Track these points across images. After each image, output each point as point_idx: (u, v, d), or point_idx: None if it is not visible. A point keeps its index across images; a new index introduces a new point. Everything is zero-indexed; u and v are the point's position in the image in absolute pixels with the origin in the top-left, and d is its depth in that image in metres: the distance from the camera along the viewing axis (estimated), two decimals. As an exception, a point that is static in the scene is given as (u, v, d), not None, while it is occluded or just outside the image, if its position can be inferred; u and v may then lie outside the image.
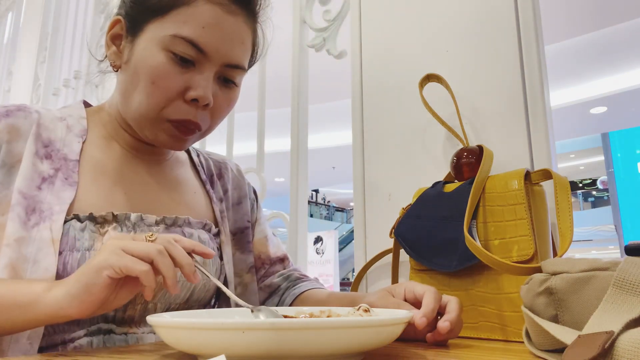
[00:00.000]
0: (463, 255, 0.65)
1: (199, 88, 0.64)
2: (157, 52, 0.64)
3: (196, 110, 0.65)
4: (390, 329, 0.42)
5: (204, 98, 0.64)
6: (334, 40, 1.19)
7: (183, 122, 0.65)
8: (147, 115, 0.65)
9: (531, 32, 0.84)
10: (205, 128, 0.69)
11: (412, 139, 0.95)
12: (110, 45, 0.70)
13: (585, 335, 0.37)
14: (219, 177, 0.81)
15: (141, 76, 0.64)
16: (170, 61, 0.63)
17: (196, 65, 0.65)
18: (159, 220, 0.68)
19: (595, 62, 4.99)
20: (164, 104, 0.64)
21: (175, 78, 0.64)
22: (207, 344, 0.39)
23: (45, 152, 0.64)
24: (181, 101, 0.65)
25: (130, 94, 0.66)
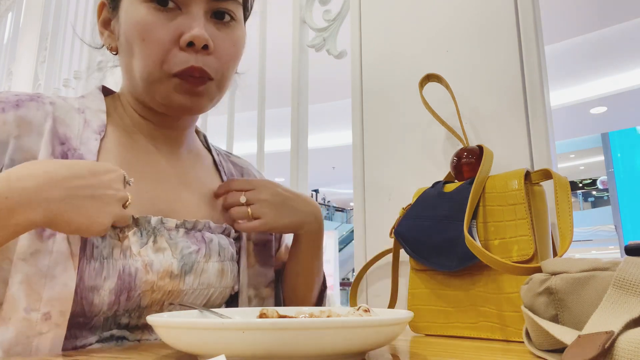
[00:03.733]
0: (463, 255, 0.65)
1: (190, 29, 0.60)
2: (137, 7, 0.61)
3: (197, 56, 0.61)
4: (390, 329, 0.42)
5: (198, 38, 0.60)
6: (334, 40, 1.19)
7: (188, 71, 0.61)
8: (151, 77, 0.61)
9: (531, 32, 0.84)
10: (217, 76, 0.64)
11: (412, 139, 0.95)
12: (103, 31, 0.68)
13: (585, 335, 0.37)
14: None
15: (132, 39, 0.61)
16: (153, 10, 0.60)
17: (182, 8, 0.61)
18: (179, 224, 0.65)
19: (595, 62, 5.00)
20: (161, 57, 0.60)
21: (163, 27, 0.60)
22: (207, 344, 0.39)
23: (62, 152, 0.59)
24: (177, 50, 0.60)
25: (130, 65, 0.63)
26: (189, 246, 0.64)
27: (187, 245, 0.64)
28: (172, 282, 0.62)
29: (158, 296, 0.62)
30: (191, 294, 0.65)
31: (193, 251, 0.64)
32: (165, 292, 0.62)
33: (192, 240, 0.65)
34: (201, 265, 0.65)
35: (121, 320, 0.61)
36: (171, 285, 0.62)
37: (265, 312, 0.51)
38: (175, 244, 0.63)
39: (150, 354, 0.50)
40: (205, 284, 0.66)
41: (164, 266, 0.61)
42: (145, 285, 0.60)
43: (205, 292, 0.66)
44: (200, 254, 0.65)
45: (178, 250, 0.63)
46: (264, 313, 0.51)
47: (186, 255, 0.63)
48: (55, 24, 2.26)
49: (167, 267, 0.61)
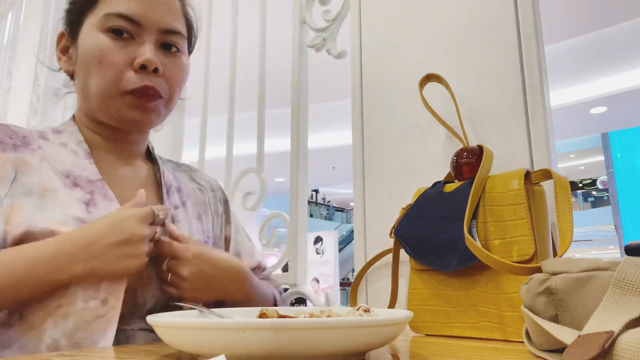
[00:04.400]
0: (463, 255, 0.65)
1: (143, 55, 0.69)
2: (95, 35, 0.69)
3: (148, 77, 0.70)
4: (390, 329, 0.42)
5: (150, 61, 0.69)
6: (334, 40, 1.19)
7: (142, 89, 0.69)
8: (106, 94, 0.70)
9: (531, 32, 0.84)
10: (166, 96, 0.73)
11: (412, 139, 0.95)
12: (61, 56, 0.76)
13: (585, 335, 0.37)
14: (177, 190, 0.81)
15: (89, 62, 0.70)
16: (110, 39, 0.69)
17: (135, 37, 0.70)
18: None
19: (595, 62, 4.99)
20: (116, 78, 0.69)
21: (119, 52, 0.69)
22: (207, 344, 0.39)
23: (71, 182, 0.68)
24: (132, 72, 0.69)
25: (87, 85, 0.71)
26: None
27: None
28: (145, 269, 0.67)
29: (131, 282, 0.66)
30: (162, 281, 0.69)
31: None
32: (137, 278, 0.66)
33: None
34: None
35: None
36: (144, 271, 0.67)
37: (265, 312, 0.51)
38: None
39: (150, 354, 0.50)
40: None
41: None
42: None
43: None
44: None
45: None
46: (264, 313, 0.51)
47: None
48: (55, 24, 2.26)
49: None
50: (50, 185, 0.65)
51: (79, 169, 0.69)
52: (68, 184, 0.67)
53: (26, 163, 0.66)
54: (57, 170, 0.68)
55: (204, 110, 1.54)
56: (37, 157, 0.68)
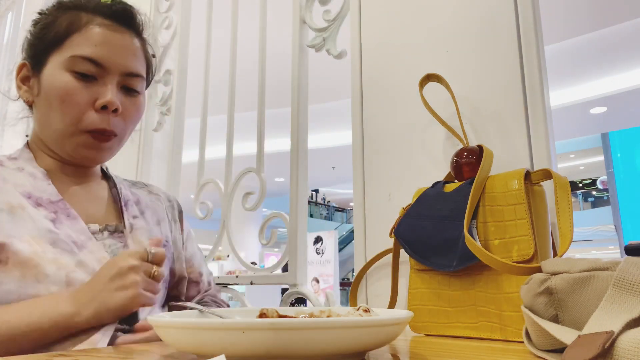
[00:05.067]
0: (463, 255, 0.65)
1: (105, 96, 0.74)
2: (61, 74, 0.73)
3: (108, 117, 0.74)
4: (390, 329, 0.42)
5: (111, 103, 0.73)
6: (334, 40, 1.19)
7: (99, 131, 0.74)
8: (66, 132, 0.74)
9: (531, 32, 0.84)
10: (121, 134, 0.78)
11: (412, 139, 0.95)
12: (21, 86, 0.79)
13: (585, 335, 0.37)
14: (135, 203, 0.85)
15: (52, 99, 0.73)
16: (74, 79, 0.73)
17: (98, 79, 0.74)
18: (101, 228, 0.76)
19: (595, 62, 4.99)
20: (77, 117, 0.73)
21: (82, 92, 0.73)
22: (207, 343, 0.39)
23: (34, 202, 0.71)
24: (92, 111, 0.73)
25: (47, 119, 0.75)
26: (115, 243, 0.76)
27: (114, 242, 0.76)
28: None
29: None
30: None
31: (120, 247, 0.76)
32: None
33: (116, 239, 0.77)
34: None
35: None
36: None
37: (265, 312, 0.51)
38: (102, 243, 0.75)
39: (150, 354, 0.50)
40: None
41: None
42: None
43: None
44: (125, 249, 0.76)
45: (107, 246, 0.75)
46: (263, 313, 0.51)
47: (114, 250, 0.75)
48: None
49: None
50: (17, 202, 0.68)
51: (38, 191, 0.72)
52: (32, 203, 0.70)
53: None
54: (18, 192, 0.70)
55: (204, 110, 1.54)
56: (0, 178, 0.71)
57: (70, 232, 0.70)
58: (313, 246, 7.45)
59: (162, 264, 0.70)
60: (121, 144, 0.81)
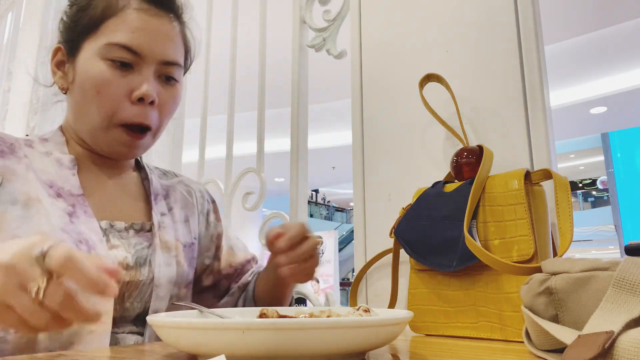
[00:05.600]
0: (463, 255, 0.65)
1: (141, 87, 0.69)
2: (96, 62, 0.69)
3: (144, 109, 0.70)
4: (390, 329, 0.42)
5: (148, 95, 0.69)
6: (334, 40, 1.19)
7: (134, 125, 0.70)
8: (100, 125, 0.70)
9: (531, 32, 0.84)
10: (155, 127, 0.74)
11: (412, 139, 0.95)
12: (56, 71, 0.76)
13: (585, 335, 0.37)
14: (164, 197, 0.82)
15: (87, 89, 0.70)
16: (110, 68, 0.69)
17: (134, 67, 0.70)
18: (127, 226, 0.73)
19: (595, 62, 4.99)
20: (113, 110, 0.69)
21: (118, 82, 0.69)
22: (207, 343, 0.39)
23: (55, 192, 0.68)
24: (128, 103, 0.70)
25: (81, 110, 0.72)
26: (141, 242, 0.72)
27: (139, 242, 0.72)
28: (128, 273, 0.68)
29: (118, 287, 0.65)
30: (148, 285, 0.69)
31: (145, 246, 0.72)
32: (123, 283, 0.67)
33: (142, 238, 0.73)
34: (153, 257, 0.71)
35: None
36: (128, 276, 0.68)
37: (265, 312, 0.51)
38: (127, 242, 0.71)
39: (150, 354, 0.50)
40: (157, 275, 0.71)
41: (119, 259, 0.68)
42: None
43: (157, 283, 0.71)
44: (151, 249, 0.72)
45: (131, 246, 0.71)
46: (263, 313, 0.51)
47: (139, 250, 0.71)
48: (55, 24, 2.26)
49: (122, 260, 0.68)
50: (35, 194, 0.66)
51: (62, 180, 0.70)
52: (52, 193, 0.67)
53: (12, 171, 0.66)
54: (42, 180, 0.68)
55: (204, 110, 1.54)
56: (22, 166, 0.68)
57: (83, 229, 0.66)
58: (313, 246, 7.43)
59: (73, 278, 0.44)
60: (156, 138, 0.77)
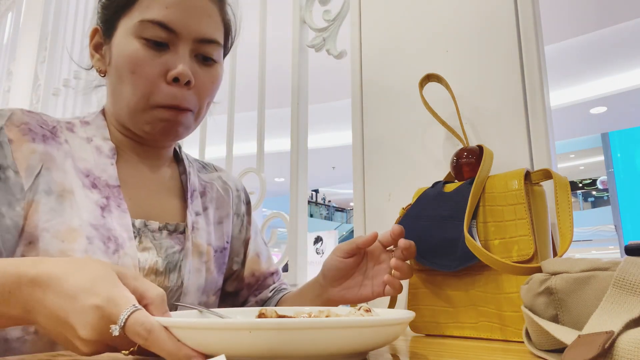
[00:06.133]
0: (463, 255, 0.65)
1: (177, 66, 0.66)
2: (130, 41, 0.66)
3: (180, 90, 0.67)
4: (392, 329, 0.42)
5: (183, 75, 0.66)
6: (334, 40, 1.19)
7: (171, 107, 0.67)
8: (137, 107, 0.67)
9: (531, 32, 0.84)
10: (195, 109, 0.70)
11: (412, 139, 0.95)
12: (94, 54, 0.73)
13: (585, 335, 0.37)
14: (201, 195, 0.79)
15: (122, 69, 0.67)
16: (144, 47, 0.66)
17: (170, 46, 0.67)
18: (161, 226, 0.70)
19: (595, 62, 4.99)
20: (149, 90, 0.66)
21: (153, 62, 0.66)
22: (209, 343, 0.39)
23: (90, 182, 0.66)
24: (164, 84, 0.66)
25: (118, 92, 0.69)
26: (173, 246, 0.70)
27: (171, 245, 0.70)
28: (157, 279, 0.67)
29: None
30: (176, 291, 0.68)
31: (176, 251, 0.70)
32: None
33: (174, 240, 0.71)
34: (184, 263, 0.70)
35: None
36: (156, 282, 0.66)
37: (264, 312, 0.51)
38: (159, 244, 0.69)
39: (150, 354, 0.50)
40: (186, 282, 0.69)
41: (149, 263, 0.66)
42: None
43: (185, 290, 0.69)
44: (182, 253, 0.70)
45: (162, 250, 0.68)
46: (262, 313, 0.51)
47: (170, 255, 0.69)
48: (55, 24, 2.26)
49: (152, 265, 0.66)
50: (69, 185, 0.64)
51: (99, 169, 0.68)
52: (87, 184, 0.66)
53: (52, 158, 0.65)
54: (79, 168, 0.66)
55: (204, 111, 1.54)
56: (62, 153, 0.66)
57: (115, 224, 0.64)
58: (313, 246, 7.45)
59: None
60: (199, 120, 0.73)
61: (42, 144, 0.64)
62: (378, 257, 0.72)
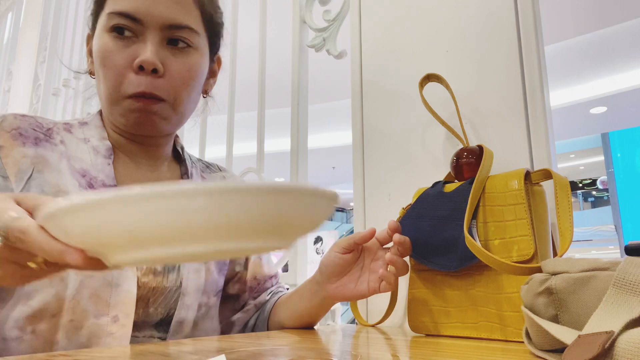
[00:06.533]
0: (463, 255, 0.65)
1: (142, 54, 0.65)
2: (102, 36, 0.67)
3: (147, 78, 0.65)
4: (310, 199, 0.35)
5: (147, 62, 0.64)
6: (334, 41, 1.19)
7: (139, 94, 0.65)
8: (111, 99, 0.67)
9: (531, 32, 0.84)
10: (170, 98, 0.68)
11: (412, 139, 0.95)
12: (88, 58, 0.74)
13: (585, 335, 0.37)
14: None
15: (97, 65, 0.67)
16: (113, 39, 0.66)
17: (138, 36, 0.66)
18: None
19: (595, 62, 4.99)
20: (118, 81, 0.66)
21: (121, 53, 0.65)
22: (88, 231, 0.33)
23: (87, 182, 0.66)
24: (132, 74, 0.65)
25: (98, 88, 0.69)
26: None
27: None
28: (155, 279, 0.66)
29: (142, 292, 0.65)
30: (174, 292, 0.68)
31: None
32: (149, 288, 0.66)
33: None
34: (182, 264, 0.70)
35: None
36: (154, 282, 0.66)
37: None
38: None
39: (150, 354, 0.50)
40: (185, 282, 0.69)
41: None
42: None
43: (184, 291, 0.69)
44: None
45: None
46: None
47: None
48: (55, 24, 2.26)
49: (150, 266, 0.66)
50: (64, 185, 0.64)
51: (96, 169, 0.67)
52: (83, 184, 0.65)
53: (44, 160, 0.65)
54: (75, 169, 0.66)
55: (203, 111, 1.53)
56: (57, 154, 0.66)
57: None
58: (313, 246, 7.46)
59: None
60: (178, 112, 0.70)
61: (33, 147, 0.65)
62: (375, 254, 0.72)
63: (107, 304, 0.61)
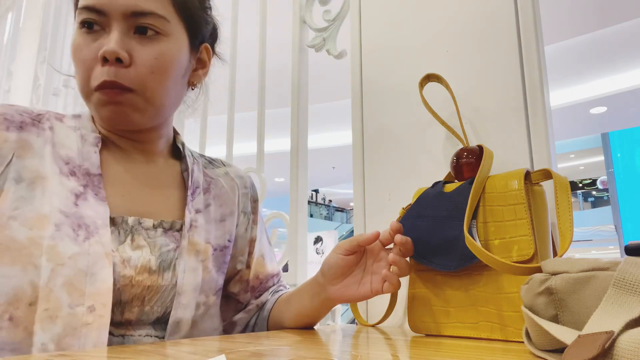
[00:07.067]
0: (463, 255, 0.65)
1: (105, 45, 0.64)
2: (75, 33, 0.68)
3: (110, 69, 0.64)
4: None
5: (108, 52, 0.63)
6: (334, 41, 1.19)
7: (103, 85, 0.64)
8: (84, 94, 0.67)
9: (531, 32, 0.84)
10: (139, 88, 0.66)
11: (412, 139, 0.95)
12: None
13: (585, 335, 0.37)
14: (205, 191, 0.78)
15: (72, 61, 0.68)
16: (82, 34, 0.67)
17: (104, 28, 0.66)
18: (156, 224, 0.69)
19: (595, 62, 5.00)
20: (87, 75, 0.66)
21: (88, 47, 0.66)
22: None
23: (69, 169, 0.65)
24: (99, 66, 0.65)
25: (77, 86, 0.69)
26: (167, 244, 0.68)
27: (166, 243, 0.68)
28: (150, 277, 0.66)
29: (137, 291, 0.65)
30: (170, 290, 0.67)
31: (171, 249, 0.68)
32: (144, 287, 0.65)
33: (170, 238, 0.69)
34: (178, 262, 0.69)
35: None
36: (150, 280, 0.65)
37: None
38: (153, 242, 0.67)
39: (150, 354, 0.50)
40: (181, 281, 0.68)
41: (142, 262, 0.65)
42: (123, 279, 0.63)
43: (180, 290, 0.68)
44: (177, 251, 0.69)
45: (156, 248, 0.67)
46: None
47: (164, 253, 0.67)
48: (55, 24, 2.26)
49: (145, 263, 0.65)
50: (44, 171, 0.63)
51: (81, 157, 0.67)
52: (65, 171, 0.65)
53: (28, 145, 0.64)
54: (59, 155, 0.66)
55: (203, 110, 1.54)
56: (42, 139, 0.66)
57: (89, 212, 0.63)
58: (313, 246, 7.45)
59: None
60: (153, 103, 0.68)
61: (16, 131, 0.64)
62: (377, 255, 0.72)
63: (83, 293, 0.59)
